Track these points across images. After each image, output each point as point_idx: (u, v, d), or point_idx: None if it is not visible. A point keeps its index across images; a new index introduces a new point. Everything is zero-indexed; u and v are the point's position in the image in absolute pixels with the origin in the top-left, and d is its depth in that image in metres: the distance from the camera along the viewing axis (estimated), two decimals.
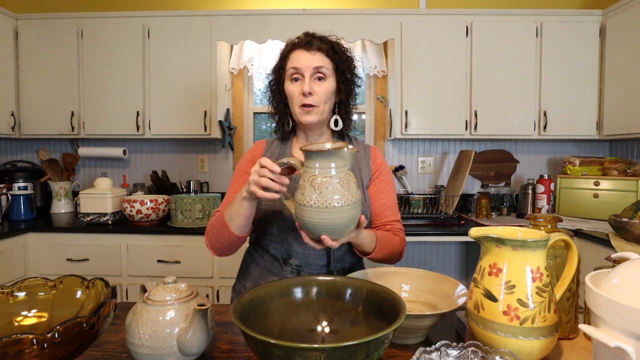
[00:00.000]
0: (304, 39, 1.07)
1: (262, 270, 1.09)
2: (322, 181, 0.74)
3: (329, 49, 1.06)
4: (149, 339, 0.64)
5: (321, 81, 1.04)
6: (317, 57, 1.04)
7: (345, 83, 1.09)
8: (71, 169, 2.70)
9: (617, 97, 2.26)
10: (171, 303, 0.67)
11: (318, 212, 0.74)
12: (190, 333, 0.64)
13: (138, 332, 0.64)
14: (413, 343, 0.76)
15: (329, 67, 1.06)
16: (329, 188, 0.74)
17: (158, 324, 0.64)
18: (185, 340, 0.64)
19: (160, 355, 0.64)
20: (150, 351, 0.64)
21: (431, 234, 2.09)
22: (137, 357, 0.65)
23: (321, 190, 0.74)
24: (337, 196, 0.74)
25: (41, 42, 2.40)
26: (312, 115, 1.05)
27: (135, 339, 0.64)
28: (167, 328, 0.64)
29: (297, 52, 1.05)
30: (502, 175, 2.73)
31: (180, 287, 0.70)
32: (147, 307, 0.66)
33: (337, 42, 1.10)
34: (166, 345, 0.64)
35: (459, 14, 2.35)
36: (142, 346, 0.64)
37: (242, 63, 2.64)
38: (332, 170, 0.75)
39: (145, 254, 2.11)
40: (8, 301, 0.68)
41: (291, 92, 1.05)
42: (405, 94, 2.36)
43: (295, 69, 1.04)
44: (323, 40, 1.07)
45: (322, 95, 1.04)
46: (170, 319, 0.65)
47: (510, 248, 0.63)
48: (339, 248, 1.05)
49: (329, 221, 0.75)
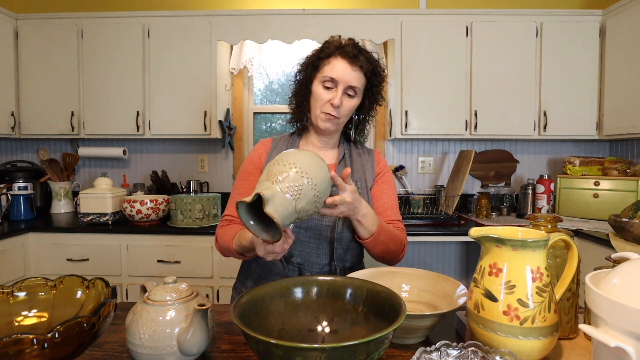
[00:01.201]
0: (351, 49, 1.03)
1: (264, 269, 1.09)
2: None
3: (371, 70, 1.05)
4: (149, 339, 0.64)
5: (350, 98, 1.05)
6: (357, 75, 1.03)
7: (370, 102, 1.11)
8: (71, 169, 2.70)
9: (617, 97, 2.26)
10: (171, 303, 0.67)
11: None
12: (190, 333, 0.63)
13: (138, 332, 0.64)
14: (413, 343, 0.76)
15: (362, 87, 1.06)
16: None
17: (158, 324, 0.64)
18: (185, 340, 0.64)
19: (160, 355, 0.64)
20: (151, 351, 0.64)
21: (431, 234, 2.09)
22: (137, 357, 0.65)
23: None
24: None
25: (41, 42, 2.40)
26: (332, 124, 1.06)
27: (136, 339, 0.64)
28: (167, 328, 0.64)
29: (340, 60, 1.03)
30: (502, 175, 2.73)
31: (180, 287, 0.70)
32: (147, 307, 0.66)
33: (379, 62, 1.09)
34: (166, 345, 0.64)
35: (459, 14, 2.35)
36: (142, 346, 0.64)
37: (242, 63, 2.63)
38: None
39: (145, 254, 2.11)
40: (8, 301, 0.68)
41: (319, 96, 1.04)
42: (405, 94, 2.36)
43: (331, 79, 1.02)
44: (368, 59, 1.05)
45: (347, 110, 1.05)
46: (171, 319, 0.65)
47: (511, 248, 0.63)
48: (340, 247, 1.06)
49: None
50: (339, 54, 1.03)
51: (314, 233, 1.05)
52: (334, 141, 1.15)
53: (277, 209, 0.69)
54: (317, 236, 1.05)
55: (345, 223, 1.05)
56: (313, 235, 1.05)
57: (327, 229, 1.05)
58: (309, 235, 1.05)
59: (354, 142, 1.19)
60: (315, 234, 1.05)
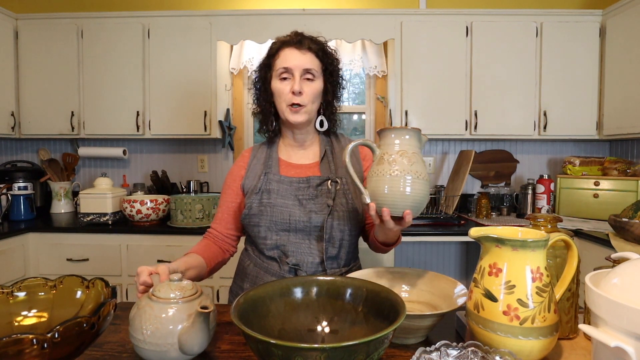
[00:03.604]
0: (294, 37, 1.06)
1: (260, 270, 1.09)
2: (413, 154, 0.80)
3: (319, 49, 1.07)
4: (151, 335, 0.64)
5: (310, 82, 1.05)
6: (307, 57, 1.04)
7: (332, 84, 1.10)
8: (71, 169, 2.70)
9: (617, 97, 2.26)
10: (175, 301, 0.67)
11: (410, 183, 0.78)
12: (191, 333, 0.64)
13: (141, 327, 0.65)
14: (413, 343, 0.76)
15: (318, 69, 1.06)
16: (419, 162, 0.80)
17: (161, 321, 0.65)
18: (186, 340, 0.64)
19: (161, 352, 0.64)
20: (152, 347, 0.64)
21: (431, 234, 2.09)
22: (139, 352, 0.66)
23: (412, 162, 0.79)
24: (423, 170, 0.81)
25: (41, 42, 2.40)
26: (300, 115, 1.05)
27: (138, 333, 0.65)
28: (169, 325, 0.65)
29: (288, 50, 1.05)
30: (502, 175, 2.73)
31: (184, 284, 0.71)
32: (152, 304, 0.67)
33: (326, 43, 1.10)
34: (167, 343, 0.64)
35: (459, 14, 2.35)
36: (144, 342, 0.64)
37: (242, 63, 2.64)
38: (416, 148, 0.82)
39: (145, 254, 2.11)
40: (8, 301, 0.68)
41: (280, 90, 1.05)
42: (405, 94, 2.36)
43: (285, 69, 1.04)
44: (314, 41, 1.07)
45: (310, 95, 1.05)
46: (173, 317, 0.65)
47: (510, 248, 0.63)
48: (332, 246, 1.05)
49: (419, 192, 0.79)
50: (285, 45, 1.06)
51: (303, 234, 1.05)
52: (310, 137, 1.15)
53: None
54: (307, 236, 1.05)
55: (335, 223, 1.04)
56: (303, 236, 1.05)
57: (315, 229, 1.04)
58: (299, 237, 1.05)
59: (335, 135, 1.18)
60: (305, 235, 1.05)
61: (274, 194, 1.06)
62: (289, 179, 1.08)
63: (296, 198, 1.06)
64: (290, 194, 1.06)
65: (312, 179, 1.08)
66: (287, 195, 1.06)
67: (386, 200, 0.80)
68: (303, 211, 1.04)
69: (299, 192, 1.07)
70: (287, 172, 1.11)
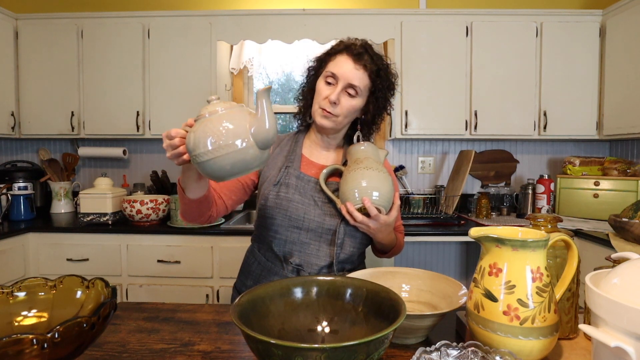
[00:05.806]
0: (357, 47, 1.03)
1: (263, 269, 1.09)
2: (366, 158, 1.03)
3: (375, 70, 1.03)
4: (225, 139, 0.69)
5: (350, 97, 1.03)
6: (359, 73, 1.01)
7: (376, 107, 1.07)
8: (71, 169, 2.70)
9: (617, 97, 2.26)
10: (229, 108, 0.72)
11: (362, 176, 0.98)
12: (266, 117, 0.68)
13: (206, 139, 0.69)
14: (413, 343, 0.76)
15: (365, 88, 1.04)
16: (373, 164, 1.02)
17: (227, 124, 0.69)
18: (261, 127, 0.68)
19: (235, 152, 0.69)
20: (223, 151, 0.68)
21: (431, 234, 2.09)
22: (206, 167, 0.71)
23: (366, 165, 1.01)
24: (378, 166, 1.02)
25: (41, 42, 2.40)
26: (328, 121, 1.04)
27: (204, 147, 0.69)
28: (238, 124, 0.69)
29: (344, 57, 1.03)
30: (502, 175, 2.73)
31: (224, 101, 0.75)
32: (210, 117, 0.71)
33: (388, 65, 1.07)
34: (242, 140, 0.69)
35: (459, 14, 2.35)
36: (213, 151, 0.69)
37: (242, 63, 2.64)
38: (373, 155, 1.05)
39: (145, 254, 2.11)
40: (8, 301, 0.68)
41: (320, 91, 1.04)
42: (405, 94, 2.36)
43: (332, 74, 1.02)
44: (374, 60, 1.03)
45: (345, 110, 1.03)
46: (237, 118, 0.70)
47: (510, 248, 0.63)
48: (342, 252, 1.05)
49: (375, 182, 0.98)
50: (345, 51, 1.03)
51: (314, 235, 1.05)
52: (336, 142, 1.15)
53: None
54: (318, 238, 1.05)
55: (348, 229, 1.05)
56: (313, 236, 1.05)
57: (327, 232, 1.04)
58: (309, 237, 1.05)
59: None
60: (316, 236, 1.05)
61: (292, 189, 1.05)
62: (308, 178, 1.08)
63: (312, 198, 1.06)
64: (308, 192, 1.06)
65: (330, 184, 1.08)
66: (305, 193, 1.06)
67: (349, 196, 0.97)
68: (318, 212, 1.04)
69: (316, 193, 1.07)
70: (307, 170, 1.11)
